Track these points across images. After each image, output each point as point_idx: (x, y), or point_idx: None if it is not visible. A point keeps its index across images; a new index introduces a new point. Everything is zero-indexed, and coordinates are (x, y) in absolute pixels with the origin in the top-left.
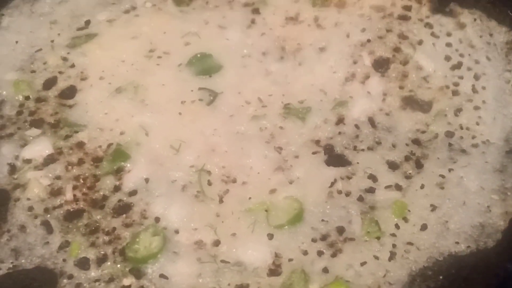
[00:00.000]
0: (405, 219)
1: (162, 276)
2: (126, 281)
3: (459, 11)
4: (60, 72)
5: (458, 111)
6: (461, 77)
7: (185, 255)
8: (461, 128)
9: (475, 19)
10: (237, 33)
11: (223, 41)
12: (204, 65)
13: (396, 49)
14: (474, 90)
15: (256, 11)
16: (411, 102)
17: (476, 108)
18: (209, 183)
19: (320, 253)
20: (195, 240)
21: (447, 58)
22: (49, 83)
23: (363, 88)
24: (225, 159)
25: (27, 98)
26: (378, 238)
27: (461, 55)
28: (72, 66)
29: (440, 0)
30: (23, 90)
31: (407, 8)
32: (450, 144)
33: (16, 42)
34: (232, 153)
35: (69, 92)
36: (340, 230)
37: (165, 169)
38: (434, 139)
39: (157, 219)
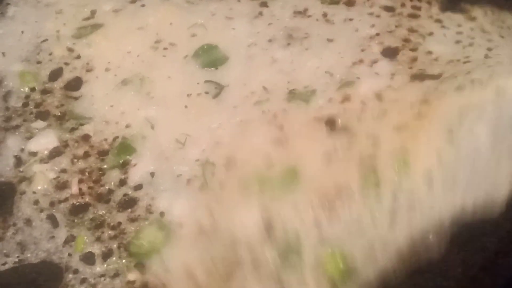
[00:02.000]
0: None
1: (166, 270)
2: (131, 276)
3: (469, 8)
4: (66, 63)
5: (469, 72)
6: (473, 51)
7: (188, 246)
8: (472, 82)
9: (485, 12)
10: (244, 23)
11: (229, 31)
12: (210, 57)
13: (406, 40)
14: (487, 56)
15: (264, 4)
16: (420, 76)
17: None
18: (213, 174)
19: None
20: (197, 230)
21: (458, 42)
22: (55, 75)
23: (370, 70)
24: (229, 149)
25: (32, 89)
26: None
27: (472, 38)
28: (78, 57)
29: (450, 0)
30: (29, 81)
31: (417, 8)
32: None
33: (22, 32)
34: (235, 142)
35: (75, 84)
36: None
37: (170, 163)
38: (443, 96)
39: (162, 214)
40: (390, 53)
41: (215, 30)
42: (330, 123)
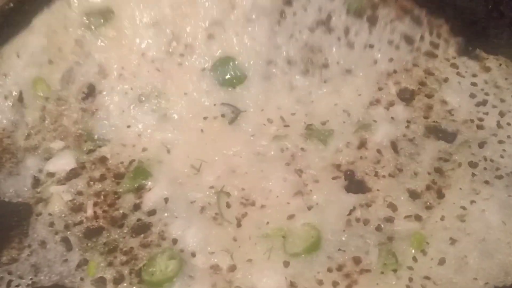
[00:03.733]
0: (423, 252)
1: None
2: None
3: (485, 57)
4: (77, 63)
5: (482, 143)
6: (486, 113)
7: (201, 280)
8: (485, 159)
9: (500, 64)
10: (264, 30)
11: (249, 40)
12: (228, 73)
13: (422, 83)
14: (499, 126)
15: (288, 3)
16: (435, 131)
17: (501, 142)
18: (228, 205)
19: (335, 284)
20: (211, 264)
21: (472, 96)
22: (67, 79)
23: (387, 114)
24: (245, 180)
25: (47, 99)
26: (394, 270)
27: (486, 94)
28: (89, 55)
29: (466, 44)
30: (43, 90)
31: (435, 45)
32: (473, 175)
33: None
34: (252, 175)
35: (89, 92)
36: (357, 260)
37: (185, 189)
38: (457, 168)
39: (174, 241)
40: (406, 96)
41: (233, 34)
42: (350, 176)
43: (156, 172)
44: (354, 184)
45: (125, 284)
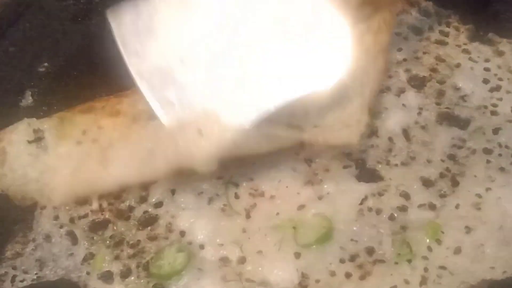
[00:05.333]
0: (438, 241)
1: None
2: None
3: (497, 40)
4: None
5: (497, 130)
6: (500, 99)
7: (210, 273)
8: (500, 146)
9: None
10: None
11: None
12: None
13: (433, 69)
14: None
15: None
16: (448, 118)
17: None
18: (236, 196)
19: (348, 275)
20: (220, 257)
21: (485, 81)
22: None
23: (398, 101)
24: (253, 171)
25: None
26: (409, 260)
27: (500, 79)
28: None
29: (478, 29)
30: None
31: (445, 33)
32: (488, 161)
33: None
34: (260, 165)
35: None
36: (370, 251)
37: (191, 179)
38: (471, 155)
39: (182, 233)
40: (417, 83)
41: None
42: (361, 165)
43: None
44: (365, 173)
45: (132, 278)
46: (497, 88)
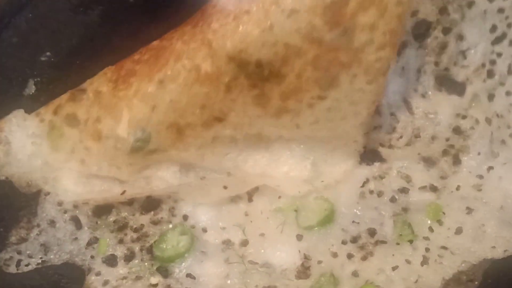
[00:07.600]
0: (440, 222)
1: (189, 275)
2: (154, 280)
3: None
4: None
5: (491, 96)
6: (499, 54)
7: (213, 255)
8: (497, 116)
9: None
10: None
11: None
12: None
13: (443, 10)
14: (510, 72)
15: None
16: (445, 82)
17: (508, 93)
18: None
19: (350, 256)
20: (223, 240)
21: (493, 29)
22: None
23: (398, 64)
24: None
25: None
26: (410, 241)
27: (509, 25)
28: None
29: None
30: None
31: None
32: (492, 133)
33: None
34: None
35: None
36: (372, 232)
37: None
38: (476, 125)
39: (185, 217)
40: (421, 31)
41: None
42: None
43: None
44: (367, 154)
45: (136, 261)
46: (501, 38)
